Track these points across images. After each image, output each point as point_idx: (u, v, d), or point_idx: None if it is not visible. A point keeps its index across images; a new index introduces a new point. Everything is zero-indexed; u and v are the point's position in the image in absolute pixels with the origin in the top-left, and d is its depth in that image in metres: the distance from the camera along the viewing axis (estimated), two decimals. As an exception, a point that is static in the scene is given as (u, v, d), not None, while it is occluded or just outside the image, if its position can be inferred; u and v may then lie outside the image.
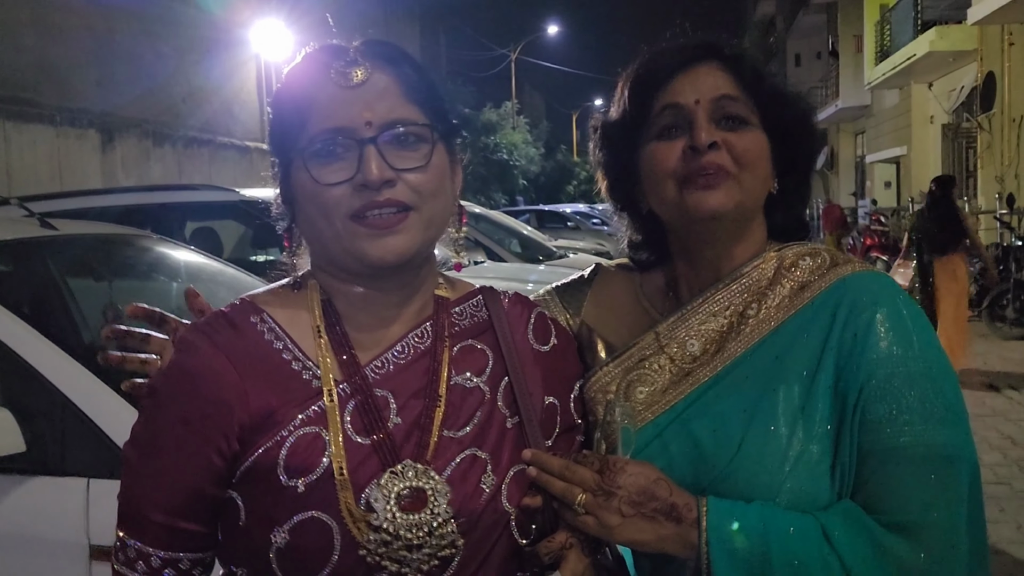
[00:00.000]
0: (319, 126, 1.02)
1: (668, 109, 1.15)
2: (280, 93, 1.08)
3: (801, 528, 1.03)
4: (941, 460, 1.04)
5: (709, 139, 1.12)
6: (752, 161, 1.14)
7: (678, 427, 1.14)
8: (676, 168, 1.14)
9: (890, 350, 1.07)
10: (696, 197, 1.13)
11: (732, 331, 1.16)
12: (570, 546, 1.05)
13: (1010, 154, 13.09)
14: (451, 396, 1.07)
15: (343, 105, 1.02)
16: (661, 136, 1.16)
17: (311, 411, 1.02)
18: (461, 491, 1.02)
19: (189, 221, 5.79)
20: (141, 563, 1.03)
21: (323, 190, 1.02)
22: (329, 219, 1.02)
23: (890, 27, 18.12)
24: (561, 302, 1.31)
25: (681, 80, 1.16)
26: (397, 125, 1.03)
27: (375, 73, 1.04)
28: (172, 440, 1.02)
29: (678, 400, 1.15)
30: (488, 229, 9.21)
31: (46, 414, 2.16)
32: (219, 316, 1.08)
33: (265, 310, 1.08)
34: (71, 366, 2.24)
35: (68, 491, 2.07)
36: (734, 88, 1.16)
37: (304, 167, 1.03)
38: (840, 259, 1.18)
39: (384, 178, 1.00)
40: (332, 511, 0.98)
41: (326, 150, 1.02)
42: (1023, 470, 5.17)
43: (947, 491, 1.04)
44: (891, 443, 1.04)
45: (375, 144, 1.01)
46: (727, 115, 1.14)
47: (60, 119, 11.38)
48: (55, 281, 3.07)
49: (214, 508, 1.04)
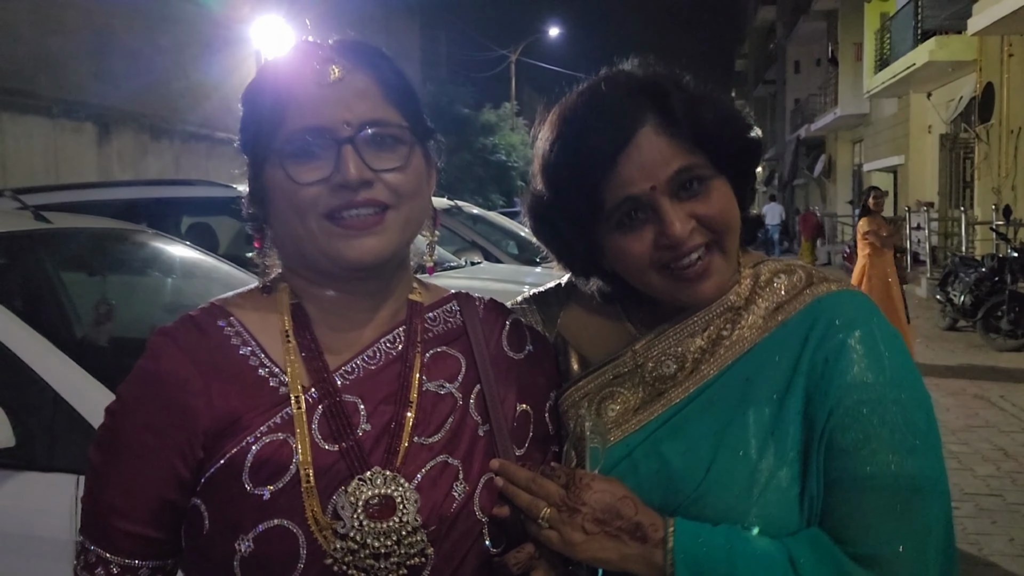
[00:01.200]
0: (295, 124, 1.00)
1: (624, 203, 1.06)
2: (253, 89, 1.06)
3: (768, 553, 1.00)
4: (909, 491, 1.01)
5: (686, 229, 1.05)
6: (728, 221, 1.08)
7: (648, 448, 1.11)
8: (654, 259, 1.08)
9: (861, 376, 1.03)
10: (689, 292, 1.09)
11: (707, 353, 1.12)
12: (539, 557, 1.03)
13: (1007, 165, 13.12)
14: (422, 402, 1.05)
15: (320, 103, 1.00)
16: (622, 226, 1.08)
17: (278, 418, 1.00)
18: (431, 499, 1.00)
19: (185, 216, 5.77)
20: (100, 569, 1.01)
21: (299, 189, 0.99)
22: (304, 219, 1.00)
23: (890, 36, 18.16)
24: (539, 312, 1.27)
25: (625, 164, 1.04)
26: (375, 125, 1.01)
27: (353, 72, 1.02)
28: (136, 446, 1.00)
29: (649, 420, 1.12)
30: (485, 230, 9.19)
31: (36, 409, 2.15)
32: (186, 320, 1.06)
33: (233, 314, 1.06)
34: (62, 361, 2.23)
35: (57, 487, 2.05)
36: (683, 152, 1.05)
37: (280, 165, 1.00)
38: (816, 277, 1.14)
39: (362, 178, 0.98)
40: (298, 519, 0.96)
41: (302, 149, 1.00)
42: (1016, 483, 5.16)
43: (914, 523, 1.01)
44: (858, 472, 1.01)
45: (353, 144, 0.99)
46: (685, 183, 1.06)
47: (57, 111, 11.34)
48: (48, 275, 3.05)
49: (178, 516, 1.01)
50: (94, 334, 2.96)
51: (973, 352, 9.22)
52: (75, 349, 2.48)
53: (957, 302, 10.17)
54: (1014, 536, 4.38)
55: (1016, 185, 12.73)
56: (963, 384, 7.66)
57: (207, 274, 3.47)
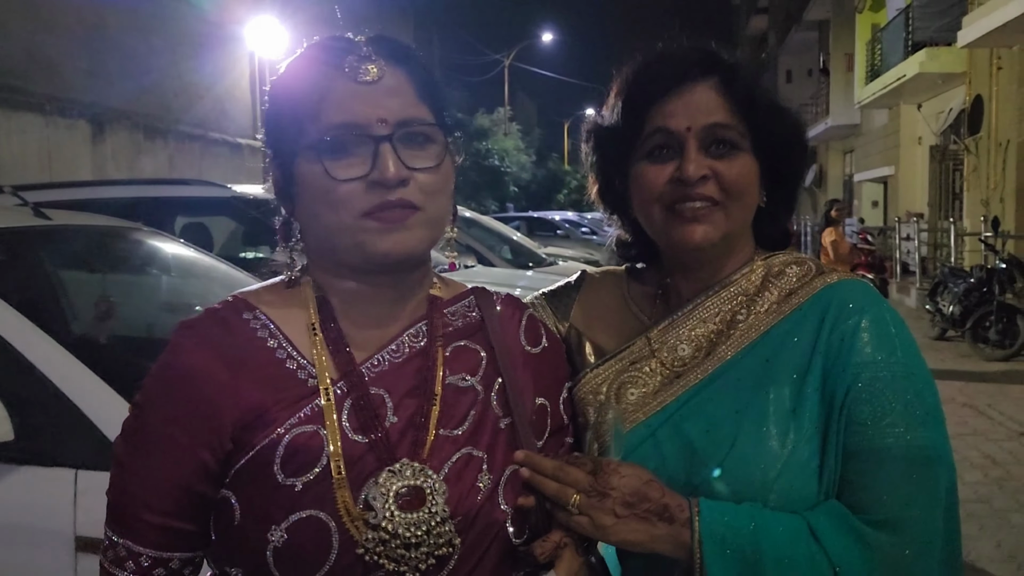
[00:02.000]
0: (332, 119, 1.01)
1: (659, 132, 1.16)
2: (283, 83, 1.06)
3: (789, 527, 1.06)
4: (921, 460, 1.08)
5: (699, 172, 1.14)
6: (741, 189, 1.17)
7: (670, 428, 1.16)
8: (664, 192, 1.16)
9: (874, 355, 1.10)
10: (681, 231, 1.16)
11: (722, 336, 1.18)
12: (564, 546, 1.06)
13: (996, 177, 13.23)
14: (446, 395, 1.07)
15: (357, 100, 1.01)
16: (651, 156, 1.17)
17: (308, 409, 1.01)
18: (457, 490, 1.02)
19: (180, 216, 5.77)
20: (131, 562, 1.02)
21: (336, 185, 1.00)
22: (339, 214, 1.01)
23: (881, 47, 18.29)
24: (550, 307, 1.32)
25: (674, 101, 1.15)
26: (410, 124, 1.02)
27: (388, 70, 1.03)
28: (163, 440, 1.01)
29: (670, 401, 1.17)
30: (479, 234, 9.22)
31: (36, 403, 2.15)
32: (210, 314, 1.06)
33: (258, 307, 1.07)
34: (62, 356, 2.23)
35: (56, 481, 2.06)
36: (727, 112, 1.15)
37: (317, 160, 1.01)
38: (825, 268, 1.22)
39: (399, 177, 1.00)
40: (329, 509, 0.98)
41: (339, 145, 1.00)
42: (1002, 489, 5.22)
43: (926, 489, 1.08)
44: (875, 444, 1.08)
45: (390, 142, 1.00)
46: (718, 140, 1.15)
47: (50, 108, 11.30)
48: (47, 271, 3.05)
49: (206, 508, 1.02)
50: (95, 330, 2.96)
51: (962, 361, 9.29)
52: (75, 344, 2.48)
53: (946, 312, 10.25)
54: (1000, 541, 4.43)
55: (1004, 197, 12.85)
56: (952, 393, 7.72)
57: (205, 273, 3.48)
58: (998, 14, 11.06)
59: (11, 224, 2.88)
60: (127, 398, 2.16)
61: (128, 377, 2.52)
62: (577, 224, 23.91)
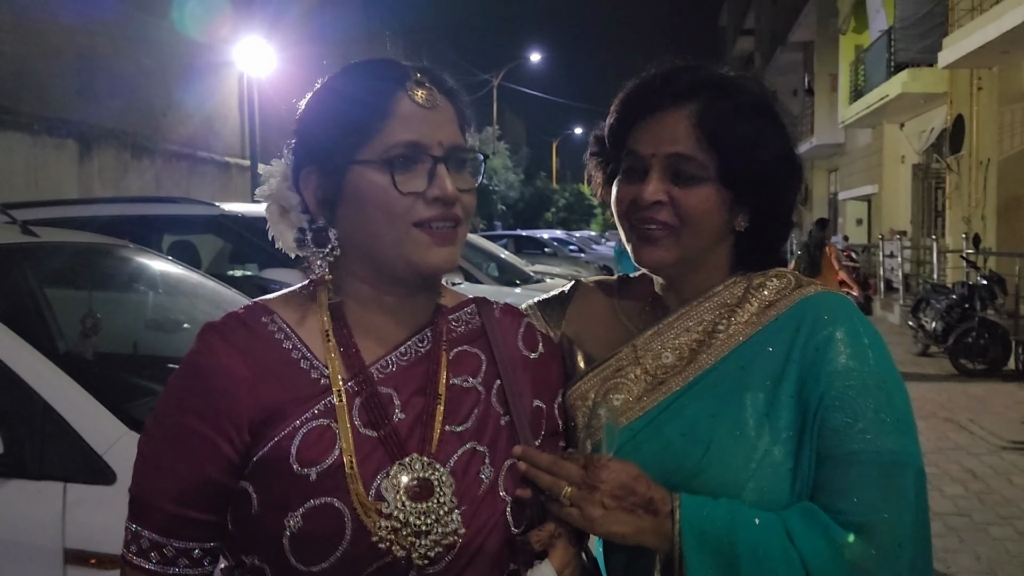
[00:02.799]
0: (399, 137, 1.08)
1: (631, 154, 1.24)
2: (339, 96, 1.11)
3: (765, 522, 1.10)
4: (891, 465, 1.12)
5: (652, 198, 1.21)
6: (696, 218, 1.21)
7: (651, 431, 1.21)
8: (628, 211, 1.25)
9: (847, 364, 1.15)
10: (639, 249, 1.24)
11: (703, 344, 1.24)
12: (559, 535, 1.12)
13: (977, 195, 13.41)
14: (450, 394, 1.13)
15: (422, 122, 1.09)
16: (625, 175, 1.26)
17: (321, 406, 1.08)
18: (463, 482, 1.08)
19: (168, 234, 5.78)
20: (155, 553, 1.06)
21: (398, 197, 1.07)
22: (394, 224, 1.08)
23: (864, 67, 18.53)
24: (543, 316, 1.38)
25: (646, 127, 1.23)
26: (460, 150, 1.13)
27: (441, 98, 1.12)
28: (187, 433, 1.06)
29: (652, 406, 1.22)
30: (466, 252, 9.26)
31: (25, 417, 2.17)
32: (232, 316, 1.13)
33: (276, 312, 1.14)
34: (51, 370, 2.25)
35: (45, 495, 2.08)
36: (692, 143, 1.19)
37: (386, 172, 1.07)
38: (804, 281, 1.26)
39: (455, 195, 1.09)
40: (343, 498, 1.04)
41: (404, 160, 1.08)
42: (983, 503, 5.27)
43: (896, 494, 1.12)
44: (846, 449, 1.12)
45: (446, 163, 1.10)
46: (677, 170, 1.21)
47: (38, 128, 11.30)
48: (35, 287, 3.07)
49: (225, 499, 1.07)
50: (82, 346, 2.98)
51: (944, 377, 9.38)
52: (62, 358, 2.51)
53: (929, 328, 10.36)
54: (980, 554, 4.48)
55: (985, 214, 13.01)
56: (934, 408, 7.80)
57: (193, 290, 3.50)
58: (978, 35, 11.26)
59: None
60: (115, 413, 2.20)
61: (116, 392, 2.55)
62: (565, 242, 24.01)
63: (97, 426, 2.15)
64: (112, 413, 2.20)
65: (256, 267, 5.51)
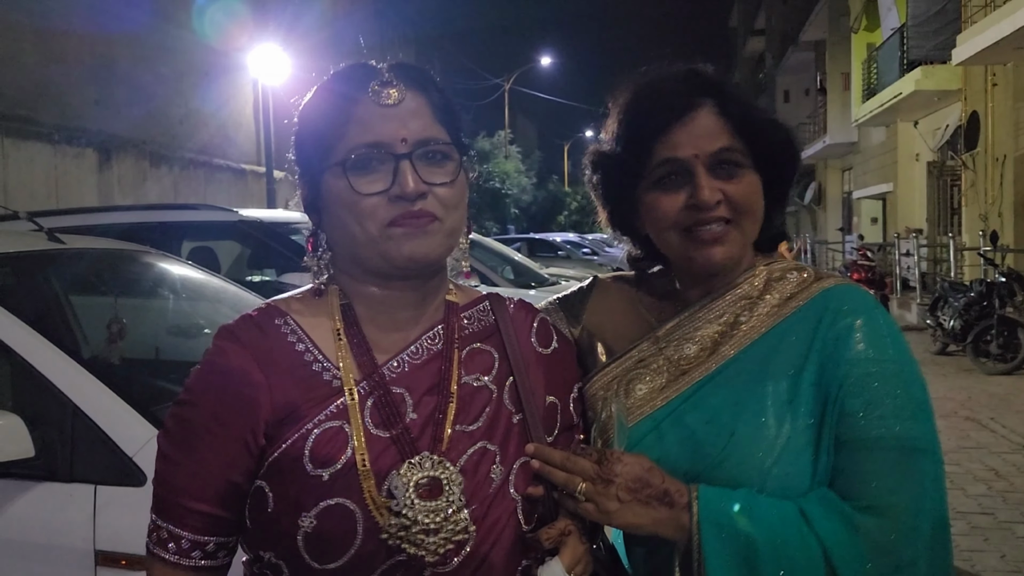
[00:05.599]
0: (357, 140, 1.09)
1: (668, 162, 1.22)
2: (310, 107, 1.15)
3: (782, 511, 1.12)
4: (908, 451, 1.14)
5: (714, 198, 1.20)
6: (751, 206, 1.23)
7: (674, 420, 1.22)
8: (679, 219, 1.23)
9: (867, 352, 1.17)
10: (702, 253, 1.23)
11: (725, 336, 1.25)
12: (569, 533, 1.12)
13: (993, 192, 13.32)
14: (462, 393, 1.14)
15: (381, 122, 1.10)
16: (661, 185, 1.23)
17: (333, 407, 1.09)
18: (473, 481, 1.09)
19: (187, 240, 5.84)
20: (172, 544, 1.10)
21: (361, 199, 1.09)
22: (363, 225, 1.09)
23: (877, 66, 18.45)
24: (563, 311, 1.39)
25: (678, 131, 1.21)
26: (428, 143, 1.11)
27: (408, 94, 1.12)
28: (203, 434, 1.09)
29: (674, 396, 1.24)
30: (481, 255, 9.30)
31: (55, 421, 2.20)
32: (246, 319, 1.15)
33: (289, 314, 1.16)
34: (80, 374, 2.28)
35: (76, 497, 2.11)
36: (729, 135, 1.22)
37: (344, 176, 1.09)
38: (823, 274, 1.29)
39: (419, 191, 1.08)
40: (356, 498, 1.05)
41: (364, 162, 1.09)
42: (1007, 501, 5.23)
43: (912, 478, 1.14)
44: (865, 434, 1.15)
45: (410, 159, 1.09)
46: (723, 163, 1.22)
47: (58, 137, 11.43)
48: (62, 293, 3.12)
49: (241, 497, 1.10)
50: (107, 351, 3.02)
51: (963, 376, 9.31)
52: (91, 362, 2.54)
53: (947, 327, 10.28)
54: (1005, 553, 4.45)
55: (1002, 211, 12.92)
56: (954, 407, 7.74)
57: (215, 295, 3.54)
58: (992, 32, 11.19)
59: (27, 248, 2.95)
60: (142, 415, 2.23)
61: (143, 395, 2.58)
62: (578, 245, 23.99)
63: (126, 429, 2.18)
64: (141, 415, 2.22)
65: (274, 272, 5.56)
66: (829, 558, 1.10)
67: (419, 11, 31.78)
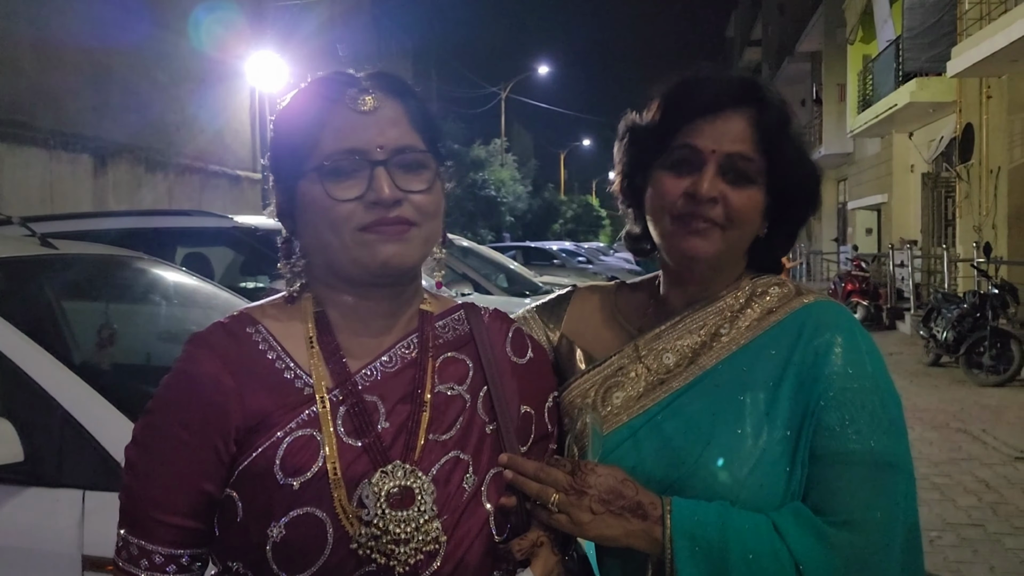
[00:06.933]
0: (334, 146, 1.09)
1: (686, 147, 1.24)
2: (287, 113, 1.15)
3: (755, 525, 1.13)
4: (883, 466, 1.16)
5: (710, 193, 1.22)
6: (743, 219, 1.25)
7: (651, 428, 1.23)
8: (674, 204, 1.24)
9: (845, 368, 1.19)
10: (682, 241, 1.24)
11: (705, 347, 1.26)
12: (541, 544, 1.12)
13: (987, 204, 13.36)
14: (435, 402, 1.14)
15: (357, 129, 1.09)
16: (673, 167, 1.25)
17: (304, 415, 1.08)
18: (445, 491, 1.08)
19: (181, 246, 5.83)
20: (144, 560, 1.08)
21: (335, 205, 1.08)
22: (338, 231, 1.09)
23: (872, 77, 18.52)
24: (541, 319, 1.41)
25: (706, 123, 1.23)
26: (405, 151, 1.11)
27: (385, 101, 1.12)
28: (173, 442, 1.08)
29: (652, 404, 1.25)
30: (475, 263, 9.32)
31: (45, 426, 2.20)
32: (218, 326, 1.14)
33: (261, 322, 1.15)
34: (70, 379, 2.28)
35: (64, 502, 2.11)
36: (751, 146, 1.23)
37: (319, 182, 1.09)
38: (803, 289, 1.31)
39: (394, 197, 1.08)
40: (326, 507, 1.04)
41: (339, 168, 1.09)
42: (997, 513, 5.24)
43: (885, 494, 1.15)
44: (842, 448, 1.16)
45: (386, 166, 1.09)
46: (735, 169, 1.23)
47: (54, 143, 11.43)
48: (54, 298, 3.12)
49: (212, 506, 1.08)
50: (97, 356, 3.03)
51: (956, 387, 9.33)
52: (81, 368, 2.54)
53: (940, 338, 10.31)
54: (994, 565, 4.46)
55: (996, 223, 12.96)
56: (946, 418, 7.76)
57: (207, 301, 3.54)
58: (986, 44, 11.26)
59: (20, 253, 2.96)
60: (132, 421, 2.22)
61: (133, 401, 2.58)
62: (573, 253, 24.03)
63: (116, 434, 2.17)
64: (131, 420, 2.22)
65: (267, 279, 5.55)
66: (802, 573, 1.10)
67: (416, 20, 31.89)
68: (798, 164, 1.28)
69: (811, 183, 1.31)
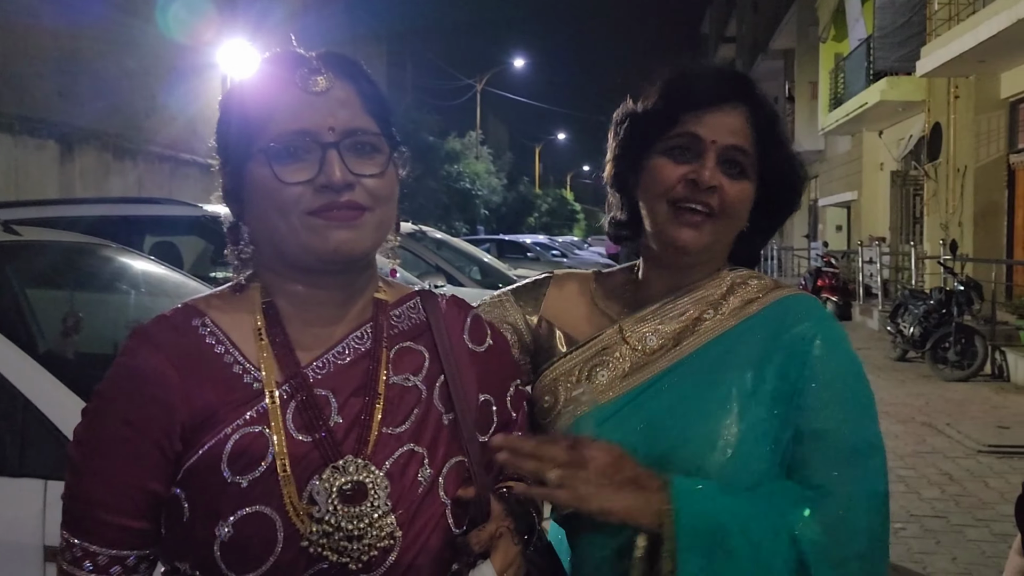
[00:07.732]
0: (283, 127, 1.05)
1: (686, 135, 1.27)
2: (237, 93, 1.10)
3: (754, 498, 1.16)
4: (862, 445, 1.22)
5: (711, 181, 1.25)
6: (735, 211, 1.28)
7: (635, 407, 1.25)
8: (674, 190, 1.27)
9: (827, 354, 1.25)
10: (680, 232, 1.27)
11: (688, 331, 1.29)
12: (500, 535, 1.09)
13: (954, 202, 13.58)
14: (389, 394, 1.10)
15: (308, 109, 1.05)
16: (670, 154, 1.28)
17: (253, 411, 1.04)
18: (399, 485, 1.05)
19: (150, 235, 5.76)
20: (88, 562, 1.03)
21: (284, 187, 1.04)
22: (286, 216, 1.04)
23: (844, 75, 18.73)
24: (517, 302, 1.40)
25: (709, 114, 1.27)
26: (357, 133, 1.07)
27: (337, 83, 1.07)
28: (116, 440, 1.03)
29: (637, 384, 1.27)
30: (449, 255, 9.30)
31: (7, 414, 2.18)
32: (162, 319, 1.09)
33: (207, 314, 1.10)
34: (32, 368, 2.25)
35: (25, 492, 2.08)
36: (747, 140, 1.28)
37: (266, 164, 1.04)
38: (781, 284, 1.37)
39: (346, 181, 1.04)
40: (275, 504, 1.01)
41: (288, 150, 1.04)
42: (959, 505, 5.34)
43: (865, 470, 1.21)
44: (822, 428, 1.21)
45: (337, 149, 1.05)
46: (731, 161, 1.27)
47: (19, 128, 11.22)
48: (16, 286, 3.07)
49: (158, 506, 1.04)
50: (61, 345, 2.98)
51: (922, 382, 9.47)
52: (44, 356, 2.51)
53: (907, 333, 10.47)
54: (956, 555, 4.54)
55: (963, 221, 13.18)
56: (912, 412, 7.88)
57: (175, 290, 3.50)
58: (955, 45, 11.43)
59: (-19, 239, 2.90)
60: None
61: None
62: (547, 247, 24.07)
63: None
64: (94, 410, 2.19)
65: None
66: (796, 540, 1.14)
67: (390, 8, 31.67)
68: (787, 162, 1.33)
69: (797, 182, 1.36)
